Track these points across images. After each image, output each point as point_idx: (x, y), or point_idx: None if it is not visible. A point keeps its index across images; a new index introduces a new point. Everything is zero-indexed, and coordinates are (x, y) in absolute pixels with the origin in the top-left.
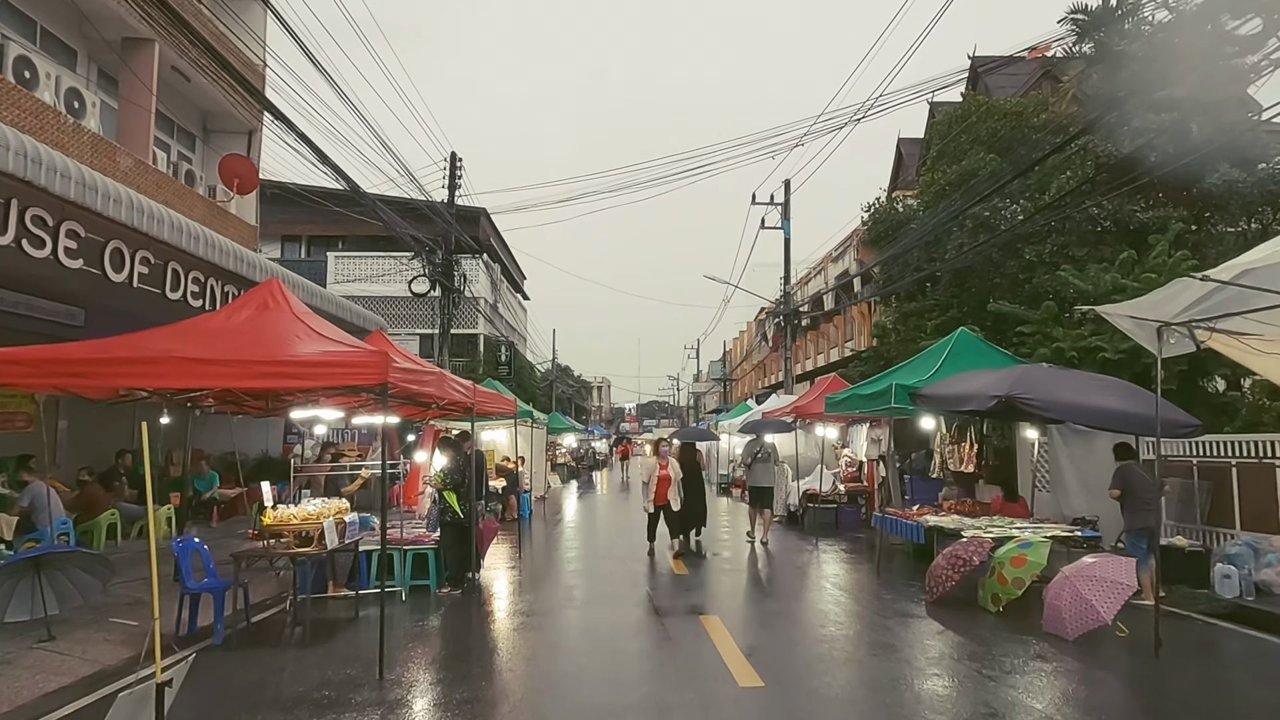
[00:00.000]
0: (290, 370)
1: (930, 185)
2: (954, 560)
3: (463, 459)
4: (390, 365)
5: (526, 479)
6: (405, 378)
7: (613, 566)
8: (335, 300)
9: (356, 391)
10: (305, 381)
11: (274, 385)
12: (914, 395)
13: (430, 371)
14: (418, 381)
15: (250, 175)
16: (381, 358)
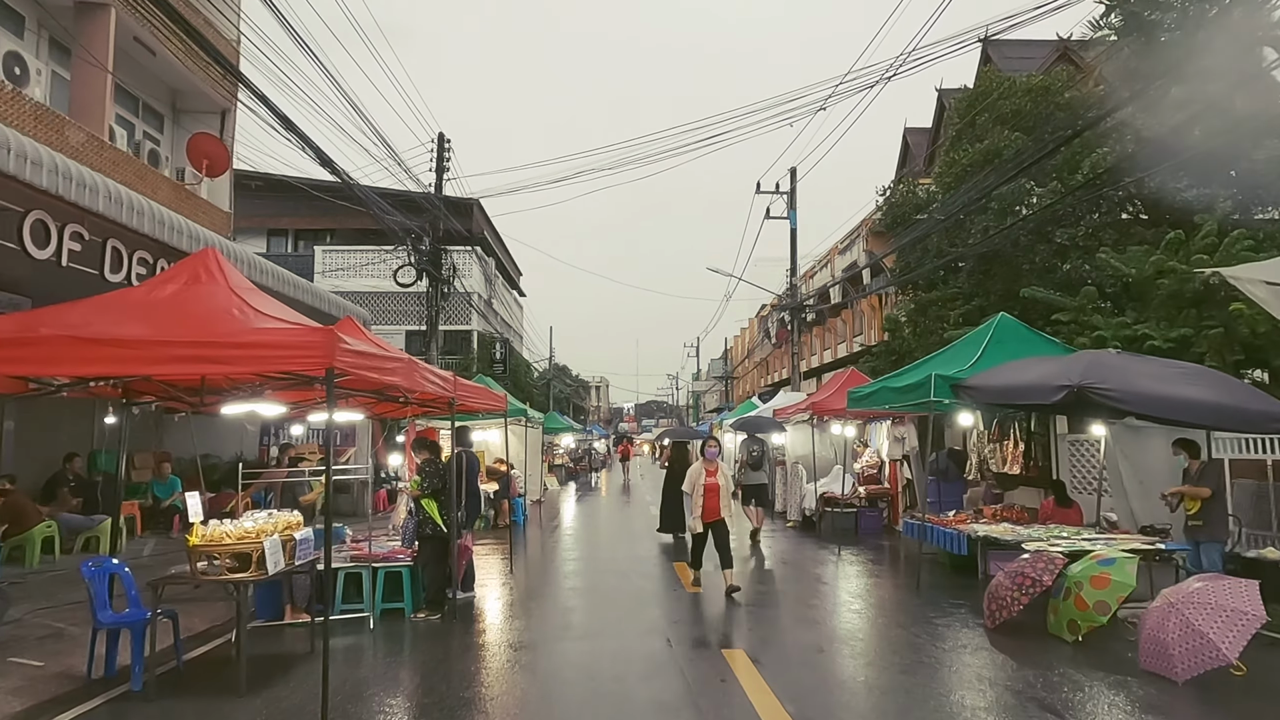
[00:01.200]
0: (210, 353)
1: (952, 166)
2: (1020, 580)
3: (442, 461)
4: (337, 347)
5: (520, 482)
6: (360, 363)
7: (615, 583)
8: (306, 287)
9: (311, 383)
10: (229, 367)
11: (190, 371)
12: (957, 387)
13: (394, 358)
14: (377, 368)
15: (221, 156)
16: (326, 337)
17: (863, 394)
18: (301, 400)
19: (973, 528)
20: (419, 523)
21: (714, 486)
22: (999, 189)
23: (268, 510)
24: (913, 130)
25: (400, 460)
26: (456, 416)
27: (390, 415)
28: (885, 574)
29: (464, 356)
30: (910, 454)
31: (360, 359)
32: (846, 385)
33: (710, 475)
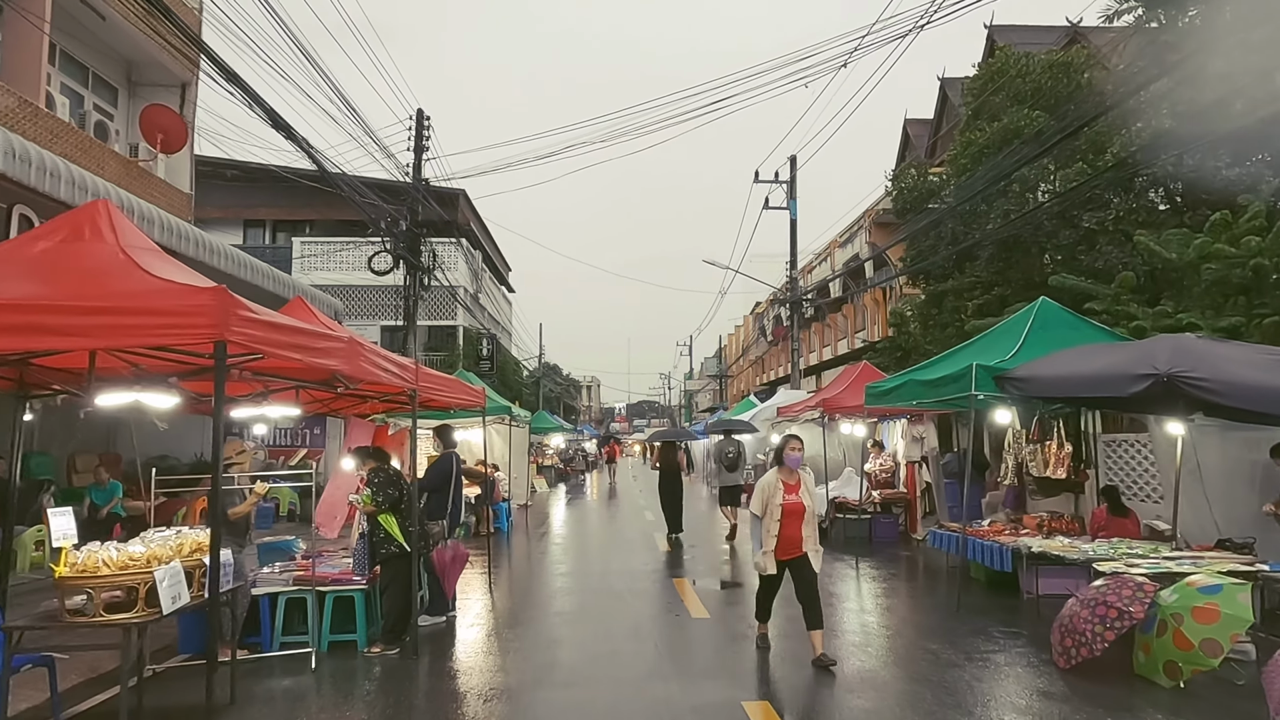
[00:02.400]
0: (53, 322)
1: (968, 146)
2: (1103, 611)
3: (393, 470)
4: (232, 314)
5: (505, 485)
6: (271, 339)
7: (608, 606)
8: (266, 271)
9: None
10: (78, 340)
11: (26, 345)
12: (1003, 379)
13: (328, 335)
14: (300, 346)
15: (178, 130)
16: (216, 300)
17: (884, 389)
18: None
19: (1022, 542)
20: (377, 542)
21: (796, 508)
22: (1020, 170)
23: (176, 529)
24: (913, 121)
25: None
26: (428, 414)
27: (338, 410)
28: (915, 592)
29: (449, 353)
30: (929, 455)
31: (270, 333)
32: (860, 380)
33: (790, 492)
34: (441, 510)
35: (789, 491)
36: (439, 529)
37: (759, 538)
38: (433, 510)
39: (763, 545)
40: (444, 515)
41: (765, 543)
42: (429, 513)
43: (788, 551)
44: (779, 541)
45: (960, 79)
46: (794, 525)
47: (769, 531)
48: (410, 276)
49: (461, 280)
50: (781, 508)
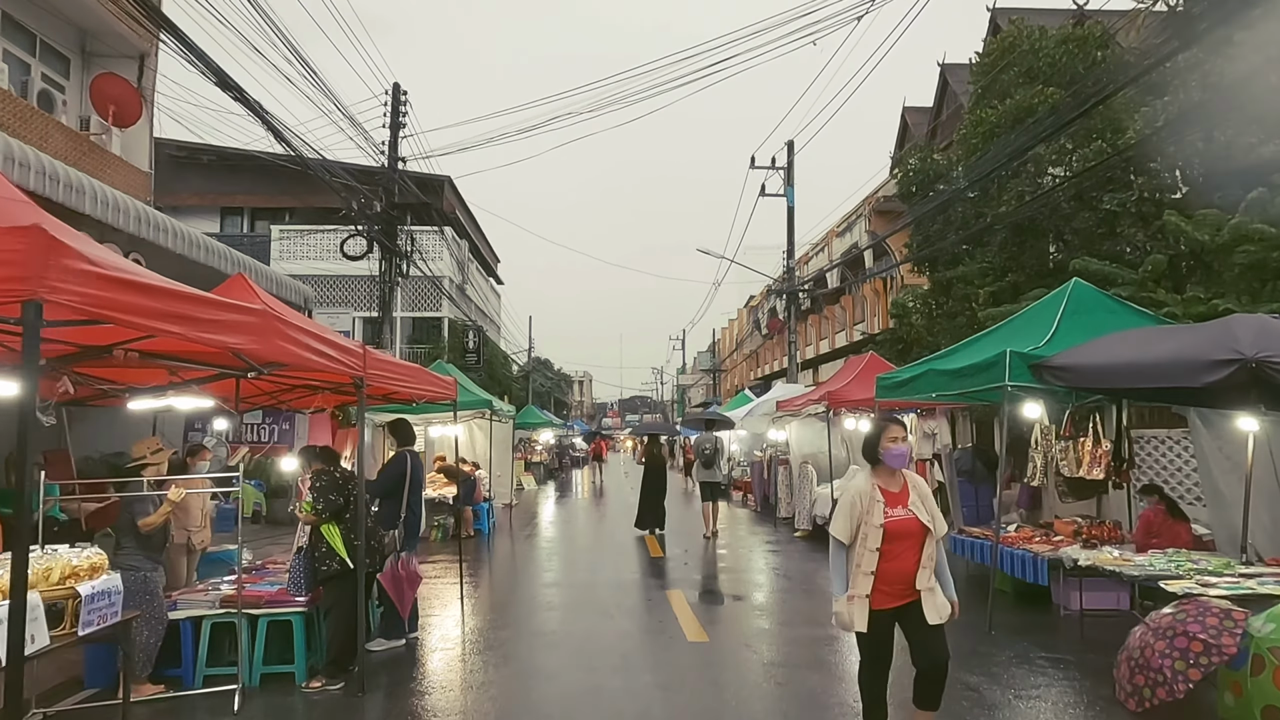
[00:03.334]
0: None
1: (978, 125)
2: (1184, 644)
3: (341, 473)
4: (54, 263)
5: (487, 485)
6: (119, 300)
7: (595, 628)
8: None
9: (100, 353)
10: None
11: None
12: (1042, 367)
13: (223, 304)
14: (173, 316)
15: (131, 102)
16: (29, 243)
17: (898, 380)
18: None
19: (1065, 553)
20: (318, 557)
21: (906, 528)
22: (1035, 148)
23: (54, 548)
24: (912, 110)
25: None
26: (392, 407)
27: (297, 404)
28: None
29: (434, 346)
30: (943, 453)
31: (120, 293)
32: (867, 372)
33: (895, 503)
34: (394, 519)
35: (892, 504)
36: (390, 540)
37: (839, 571)
38: (384, 518)
39: (849, 586)
40: (396, 524)
41: (854, 583)
42: (380, 521)
43: (894, 595)
44: (879, 580)
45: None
46: (904, 555)
47: (862, 566)
48: (386, 261)
49: (446, 270)
50: (883, 529)
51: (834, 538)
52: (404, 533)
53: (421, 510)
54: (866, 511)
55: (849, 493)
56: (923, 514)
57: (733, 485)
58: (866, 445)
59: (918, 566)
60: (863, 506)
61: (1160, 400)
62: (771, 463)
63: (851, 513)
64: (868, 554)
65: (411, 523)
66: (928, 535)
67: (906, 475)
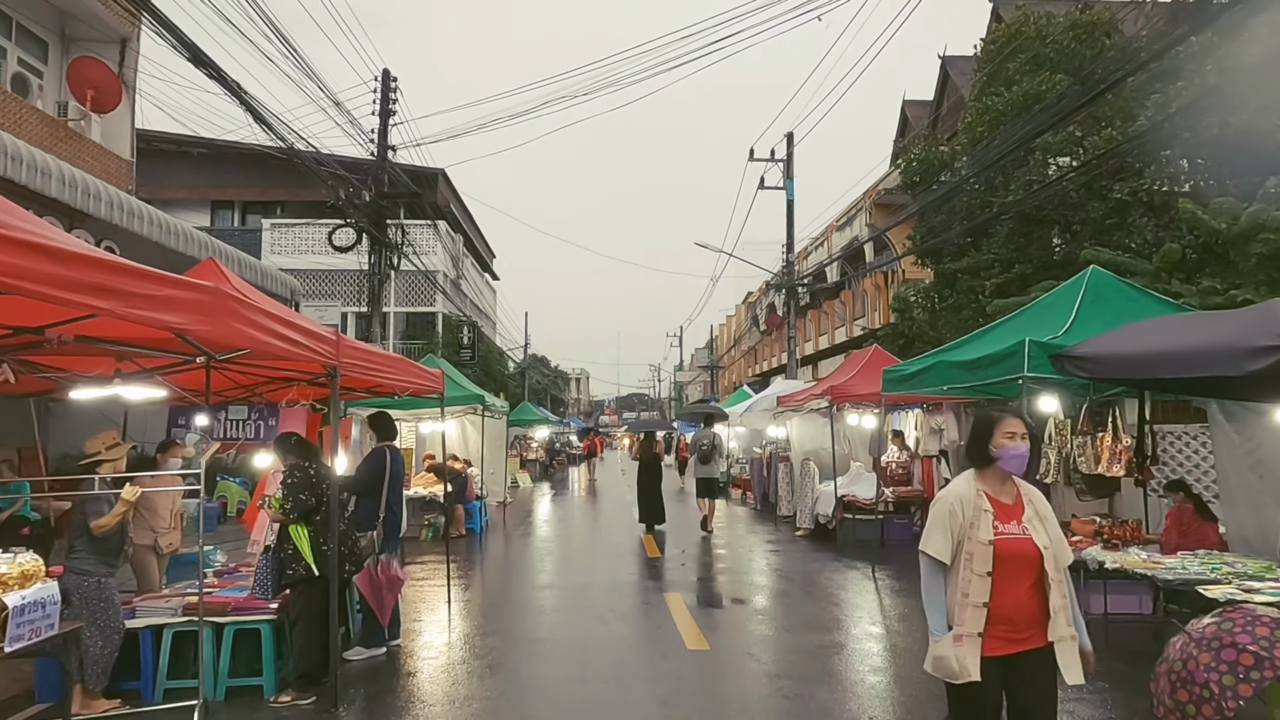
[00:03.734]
0: None
1: (984, 113)
2: (1233, 656)
3: (316, 469)
4: None
5: (480, 482)
6: (24, 268)
7: (589, 634)
8: (165, 223)
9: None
10: None
11: None
12: (1063, 357)
13: (163, 278)
14: (97, 289)
15: (111, 87)
16: None
17: (907, 373)
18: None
19: (1089, 554)
20: (285, 559)
21: (1021, 552)
22: (1044, 135)
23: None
24: (912, 103)
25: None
26: (374, 401)
27: (272, 395)
28: None
29: (428, 341)
30: (950, 449)
31: (30, 258)
32: (871, 366)
33: (1007, 517)
34: (372, 519)
35: (1004, 517)
36: (366, 542)
37: (936, 601)
38: (361, 519)
39: (953, 622)
40: (375, 524)
41: (959, 618)
42: (357, 522)
43: (1007, 639)
44: (992, 615)
45: (962, 57)
46: (1015, 587)
47: (971, 596)
48: (375, 253)
49: (440, 265)
50: (993, 549)
51: (927, 557)
52: (383, 533)
53: (402, 510)
54: (971, 524)
55: (945, 499)
56: (1040, 535)
57: (731, 483)
58: (974, 441)
59: (1038, 602)
60: (965, 517)
61: (1189, 392)
62: (772, 460)
63: (950, 524)
64: (976, 580)
65: (391, 523)
66: (1051, 563)
67: (1020, 485)
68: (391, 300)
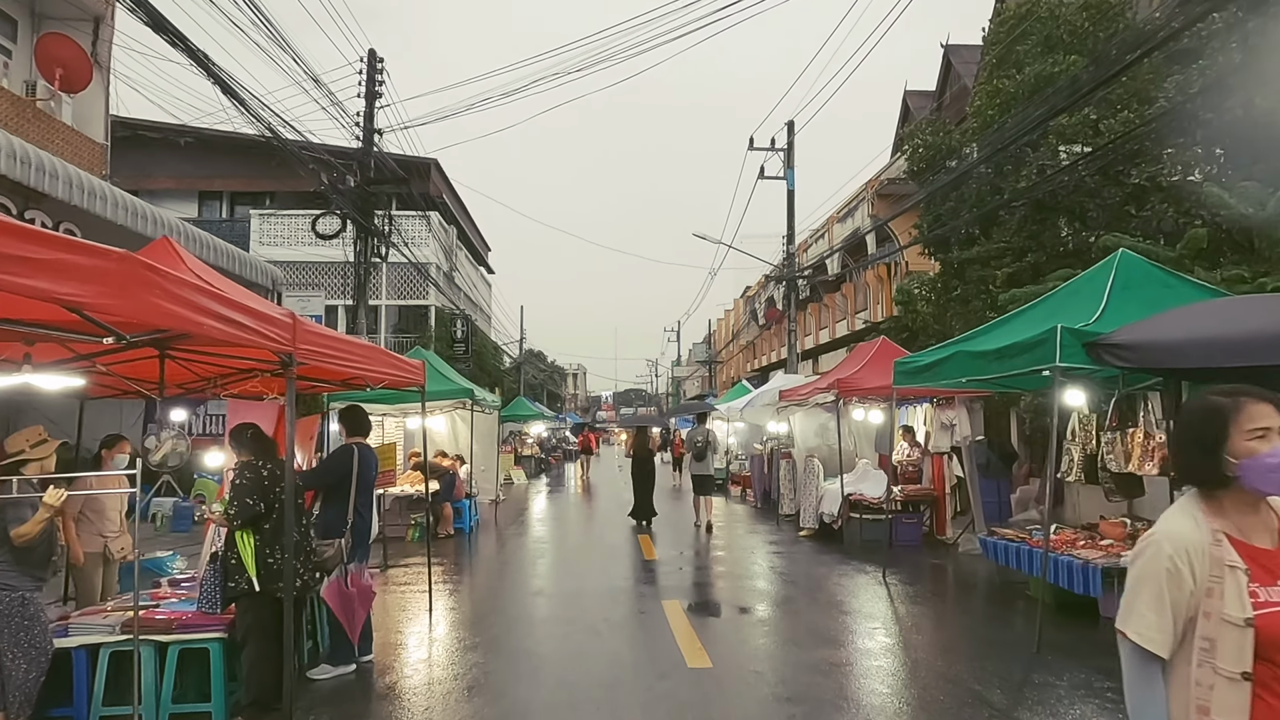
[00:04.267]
0: None
1: (995, 96)
2: None
3: (270, 469)
4: None
5: (473, 480)
6: None
7: (582, 648)
8: (132, 206)
9: None
10: None
11: None
12: (1100, 345)
13: (66, 242)
14: None
15: (81, 65)
16: None
17: (921, 364)
18: None
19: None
20: (229, 570)
21: None
22: (1057, 119)
23: None
24: (914, 94)
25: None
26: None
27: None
28: (971, 619)
29: (421, 335)
30: (963, 445)
31: None
32: (879, 358)
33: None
34: (339, 524)
35: (1266, 575)
36: (333, 551)
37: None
38: (327, 525)
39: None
40: (342, 531)
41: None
42: (322, 529)
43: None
44: None
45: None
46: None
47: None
48: (361, 241)
49: (433, 257)
50: (1254, 631)
51: (1132, 645)
52: (351, 540)
53: (372, 514)
54: (1208, 590)
55: (1159, 548)
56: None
57: (731, 480)
58: (1194, 448)
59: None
60: (1197, 579)
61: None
62: (773, 456)
63: (1170, 590)
64: (1224, 686)
65: (360, 529)
66: None
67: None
68: (383, 293)
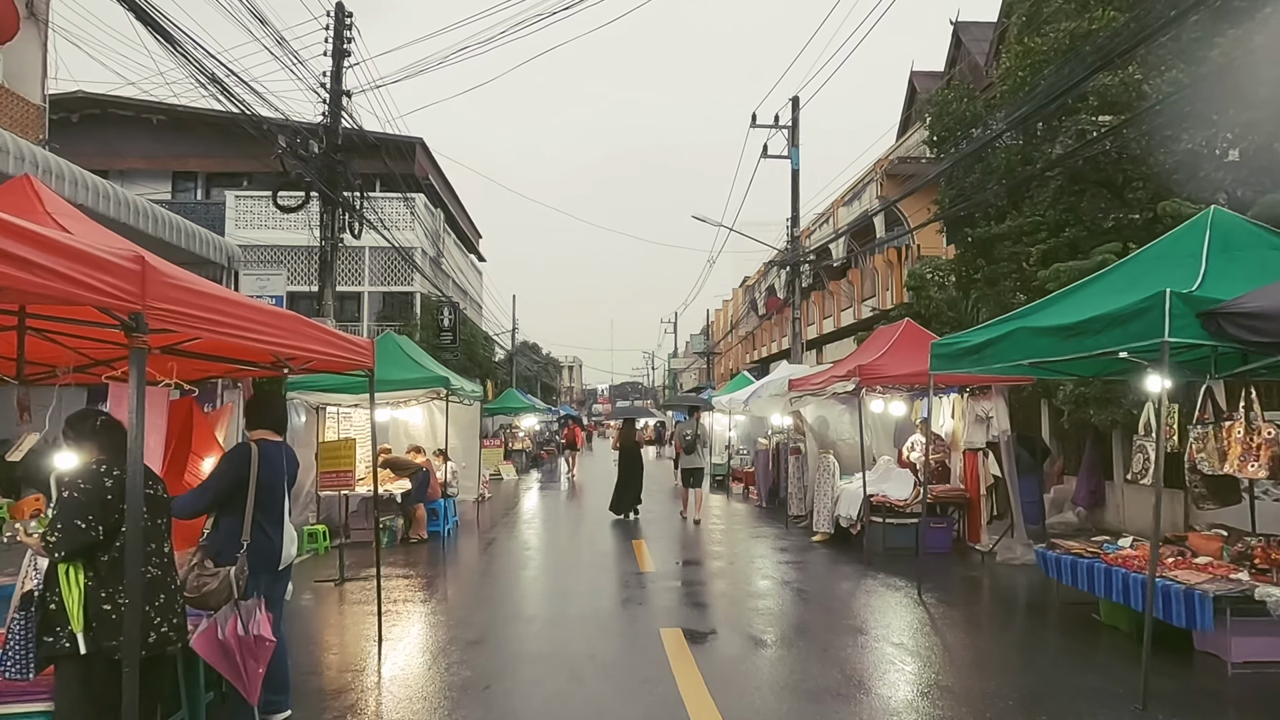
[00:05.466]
0: None
1: (1026, 56)
2: None
3: (119, 473)
4: None
5: (451, 477)
6: None
7: (559, 696)
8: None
9: None
10: None
11: None
12: (1222, 316)
13: None
14: None
15: (5, 12)
16: None
17: (966, 346)
18: None
19: (1266, 589)
20: (47, 618)
21: None
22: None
23: None
24: (920, 74)
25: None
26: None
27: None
28: (1038, 654)
29: (405, 322)
30: (1001, 440)
31: None
32: (905, 343)
33: None
34: (230, 547)
35: None
36: (217, 584)
37: None
38: (218, 547)
39: None
40: (235, 557)
41: None
42: (213, 552)
43: None
44: None
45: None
46: None
47: None
48: (328, 214)
49: (418, 241)
50: None
51: None
52: (247, 569)
53: (282, 533)
54: None
55: None
56: None
57: (731, 476)
58: None
59: None
60: None
61: None
62: (779, 451)
63: None
64: None
65: (262, 552)
66: None
67: None
68: (365, 278)
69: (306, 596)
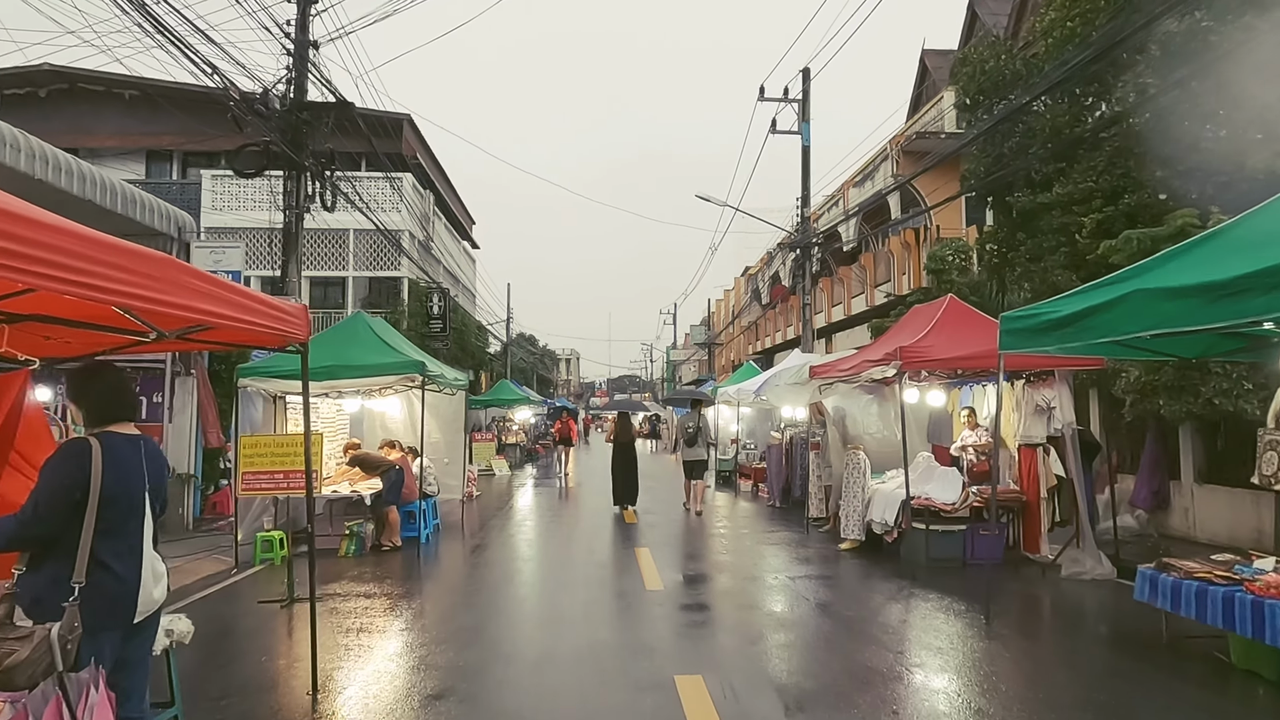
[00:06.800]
0: None
1: (1075, 5)
2: None
3: None
4: None
5: (430, 476)
6: None
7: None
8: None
9: None
10: None
11: None
12: None
13: None
14: None
15: None
16: None
17: (1055, 318)
18: None
19: None
20: None
21: None
22: (1162, 24)
23: None
24: (932, 53)
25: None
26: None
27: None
28: (1160, 705)
29: (392, 310)
30: (1066, 433)
31: None
32: (949, 321)
33: None
34: (55, 590)
35: None
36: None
37: None
38: (36, 593)
39: None
40: (60, 604)
41: None
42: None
43: None
44: None
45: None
46: None
47: None
48: (294, 180)
49: (406, 224)
50: None
51: None
52: (79, 625)
53: (139, 568)
54: None
55: None
56: None
57: (739, 472)
58: None
59: None
60: None
61: None
62: (793, 446)
63: None
64: None
65: (109, 598)
66: None
67: None
68: (350, 263)
69: (247, 620)
